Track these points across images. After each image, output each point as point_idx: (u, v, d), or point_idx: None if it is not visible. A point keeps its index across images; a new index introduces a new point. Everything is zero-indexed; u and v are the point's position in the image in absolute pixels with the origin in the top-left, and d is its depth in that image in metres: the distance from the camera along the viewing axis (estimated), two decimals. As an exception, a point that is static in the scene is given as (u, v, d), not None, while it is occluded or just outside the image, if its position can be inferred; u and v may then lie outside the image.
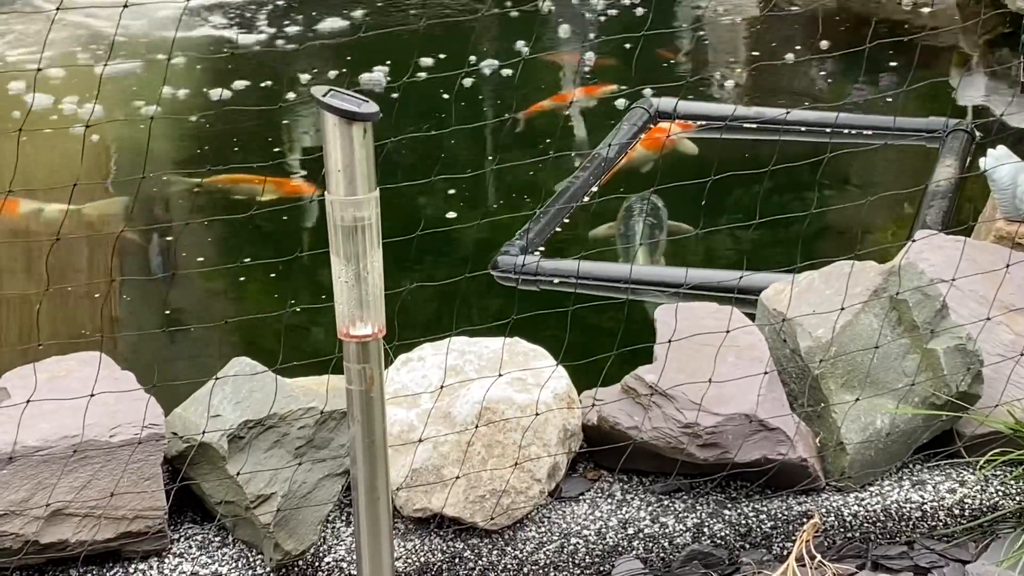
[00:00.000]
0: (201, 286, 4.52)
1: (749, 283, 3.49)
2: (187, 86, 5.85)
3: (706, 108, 5.47)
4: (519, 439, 3.00)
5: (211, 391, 2.96)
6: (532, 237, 4.48)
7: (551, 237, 4.57)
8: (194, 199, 4.99)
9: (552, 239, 4.57)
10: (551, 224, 4.61)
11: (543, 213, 4.60)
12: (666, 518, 3.09)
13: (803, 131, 5.21)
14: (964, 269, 3.32)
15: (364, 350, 2.47)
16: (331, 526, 3.03)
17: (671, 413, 3.06)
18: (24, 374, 2.99)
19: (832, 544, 3.11)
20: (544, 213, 4.60)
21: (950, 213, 4.53)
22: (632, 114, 5.32)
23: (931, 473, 3.21)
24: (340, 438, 2.95)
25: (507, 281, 4.35)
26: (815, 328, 3.17)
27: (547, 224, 4.59)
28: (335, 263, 2.43)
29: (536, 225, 4.54)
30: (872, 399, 3.15)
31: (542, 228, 4.56)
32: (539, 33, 6.44)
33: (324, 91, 2.38)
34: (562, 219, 4.66)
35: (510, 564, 3.02)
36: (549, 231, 4.58)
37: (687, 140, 5.21)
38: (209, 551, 2.98)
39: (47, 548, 2.85)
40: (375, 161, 2.40)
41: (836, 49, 5.81)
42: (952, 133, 5.08)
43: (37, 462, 2.83)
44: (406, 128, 4.71)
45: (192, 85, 5.88)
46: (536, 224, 4.54)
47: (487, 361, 3.10)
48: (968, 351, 3.18)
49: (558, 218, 4.64)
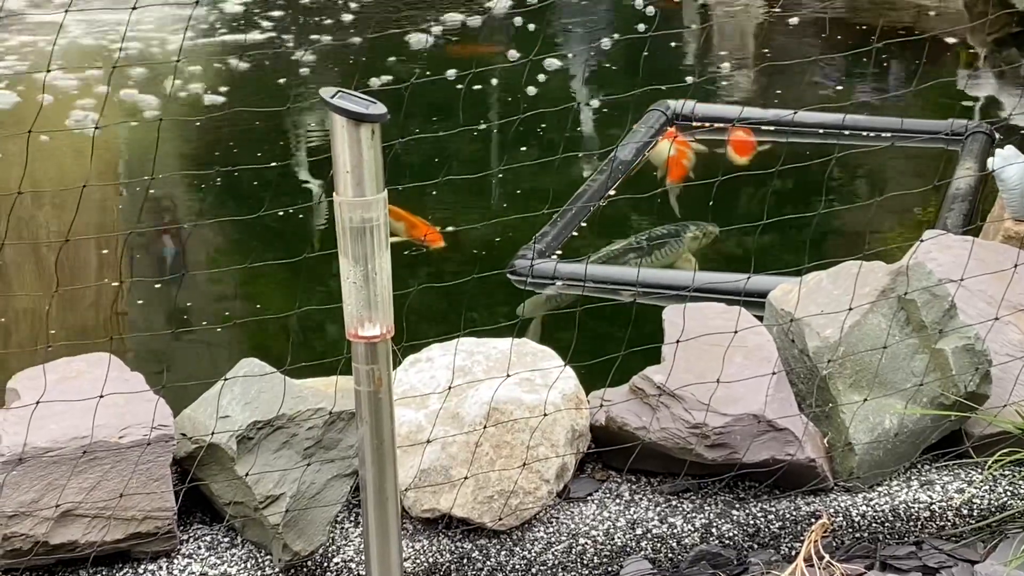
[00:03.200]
0: (212, 287, 4.53)
1: (768, 285, 3.45)
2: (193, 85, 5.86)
3: (725, 111, 5.45)
4: (527, 440, 3.00)
5: (220, 392, 2.96)
6: (549, 241, 4.48)
7: (567, 241, 4.57)
8: (202, 200, 5.00)
9: (568, 243, 4.56)
10: (568, 228, 4.60)
11: (560, 216, 4.60)
12: (674, 518, 3.10)
13: (821, 133, 5.20)
14: (972, 269, 3.32)
15: (372, 351, 2.48)
16: (340, 527, 3.03)
17: (679, 413, 3.06)
18: (34, 375, 2.99)
19: (840, 544, 3.11)
20: (561, 216, 4.60)
21: (971, 215, 4.52)
22: (649, 117, 5.31)
23: (939, 473, 3.21)
24: (349, 439, 2.96)
25: (524, 285, 4.35)
26: (823, 328, 3.17)
27: (564, 228, 4.58)
28: (343, 264, 2.44)
29: (553, 229, 4.53)
30: (880, 399, 3.15)
31: (559, 232, 4.55)
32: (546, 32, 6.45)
33: (332, 92, 2.38)
34: (579, 222, 4.65)
35: (518, 564, 3.02)
36: (566, 235, 4.57)
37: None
38: (218, 552, 2.98)
39: (57, 549, 2.85)
40: (383, 162, 2.41)
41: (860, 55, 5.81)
42: (972, 135, 5.07)
43: (47, 463, 2.84)
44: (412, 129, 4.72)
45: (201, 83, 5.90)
46: (553, 228, 4.54)
47: (495, 362, 3.10)
48: (976, 351, 3.18)
49: (575, 222, 4.64)
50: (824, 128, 5.19)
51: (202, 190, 5.08)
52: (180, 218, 4.96)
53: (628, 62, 6.10)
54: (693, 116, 5.35)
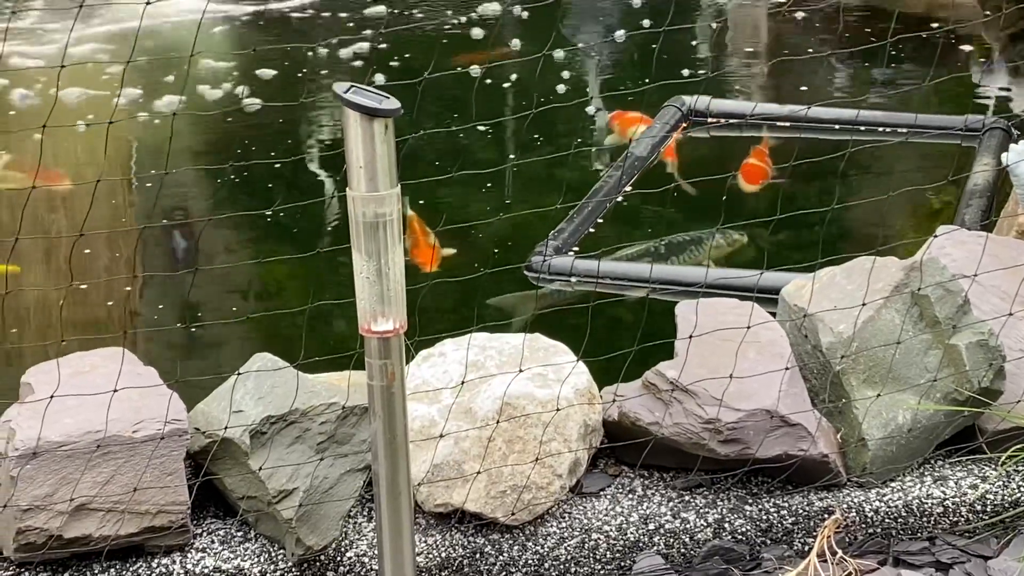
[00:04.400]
0: (225, 281, 4.54)
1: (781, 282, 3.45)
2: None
3: (740, 107, 5.44)
4: (540, 435, 3.00)
5: (233, 387, 2.97)
6: (566, 237, 4.48)
7: (584, 237, 4.57)
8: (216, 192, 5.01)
9: (585, 239, 4.56)
10: (584, 224, 4.59)
11: (576, 213, 4.60)
12: (687, 514, 3.10)
13: (836, 128, 5.20)
14: (986, 264, 3.31)
15: (385, 346, 2.48)
16: (353, 521, 3.04)
17: (692, 409, 3.06)
18: (48, 369, 3.00)
19: (853, 540, 3.11)
20: (577, 213, 4.60)
21: (989, 212, 4.51)
22: (664, 113, 5.30)
23: (953, 469, 3.21)
24: (362, 433, 2.96)
25: (542, 282, 4.35)
26: (836, 324, 3.16)
27: (580, 224, 4.58)
28: (356, 259, 2.44)
29: (569, 225, 4.53)
30: (894, 395, 3.15)
31: (575, 228, 4.55)
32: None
33: (346, 87, 2.38)
34: (595, 219, 4.65)
35: (531, 559, 3.02)
36: (583, 231, 4.57)
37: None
38: (231, 546, 2.99)
39: (71, 543, 2.86)
40: (396, 157, 2.41)
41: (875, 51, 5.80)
42: (989, 131, 5.06)
43: (61, 457, 2.84)
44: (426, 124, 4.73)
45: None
46: (569, 224, 4.54)
47: (508, 357, 3.10)
48: (990, 346, 3.17)
49: (591, 218, 4.63)
50: (839, 124, 5.18)
51: (217, 185, 5.09)
52: (194, 213, 4.97)
53: (642, 57, 6.10)
54: (708, 112, 5.35)
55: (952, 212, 4.61)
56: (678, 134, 5.18)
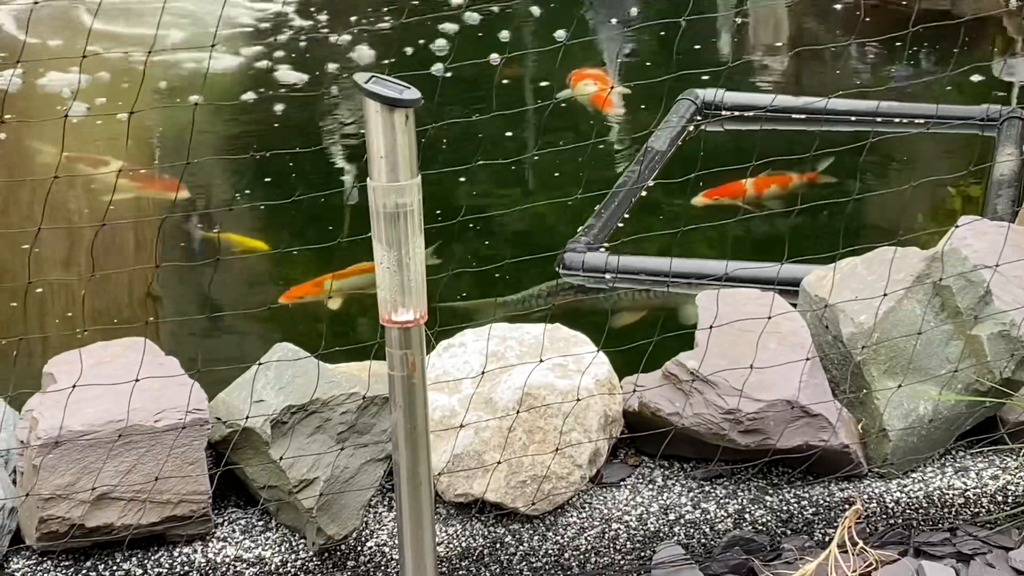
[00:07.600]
0: (246, 271, 4.55)
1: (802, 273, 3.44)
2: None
3: (755, 99, 5.42)
4: (560, 425, 3.01)
5: (254, 376, 2.97)
6: (596, 233, 4.47)
7: (613, 233, 4.56)
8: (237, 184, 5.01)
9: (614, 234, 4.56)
10: (612, 219, 4.59)
11: (604, 208, 4.59)
12: (707, 504, 3.09)
13: (853, 120, 5.18)
14: (1008, 255, 3.30)
15: (406, 336, 2.48)
16: (373, 511, 3.04)
17: (712, 399, 3.06)
18: (70, 359, 3.01)
19: (874, 531, 3.11)
20: (605, 208, 4.59)
21: (1018, 201, 4.49)
22: (679, 106, 5.29)
23: (974, 460, 3.20)
24: (382, 423, 2.96)
25: (575, 279, 4.34)
26: (858, 314, 3.16)
27: (609, 219, 4.57)
28: (377, 249, 2.44)
29: (598, 221, 4.53)
30: (915, 385, 3.14)
31: (604, 223, 4.54)
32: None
33: (366, 78, 2.39)
34: (622, 214, 4.64)
35: (551, 549, 3.02)
36: (611, 226, 4.56)
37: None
38: (252, 535, 3.00)
39: (93, 532, 2.87)
40: (417, 147, 2.41)
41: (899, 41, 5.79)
42: (1008, 120, 5.04)
43: (83, 446, 2.86)
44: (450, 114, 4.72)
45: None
46: (598, 220, 4.53)
47: (528, 347, 3.10)
48: (1012, 337, 3.16)
49: (618, 213, 4.63)
50: (857, 115, 5.16)
51: (239, 174, 5.10)
52: (216, 203, 4.97)
53: (661, 49, 6.09)
54: (723, 104, 5.34)
55: (973, 202, 4.60)
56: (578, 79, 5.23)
